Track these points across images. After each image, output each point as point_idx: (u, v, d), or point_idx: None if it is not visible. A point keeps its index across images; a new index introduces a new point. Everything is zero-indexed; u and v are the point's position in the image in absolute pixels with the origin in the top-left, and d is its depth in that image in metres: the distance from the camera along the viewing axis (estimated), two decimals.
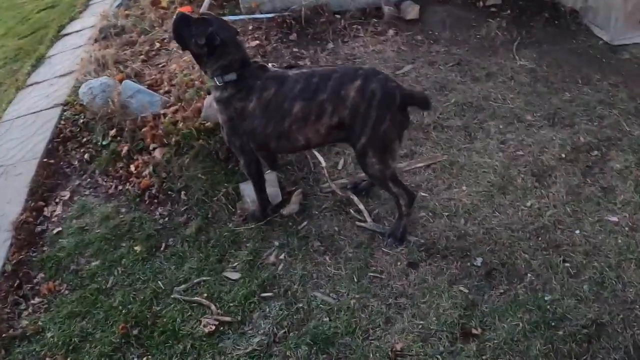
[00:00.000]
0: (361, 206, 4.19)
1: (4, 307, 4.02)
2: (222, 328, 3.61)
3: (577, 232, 3.96)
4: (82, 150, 5.32)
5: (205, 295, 3.81)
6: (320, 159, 4.63)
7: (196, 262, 4.07)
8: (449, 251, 3.86)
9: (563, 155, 4.54)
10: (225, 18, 6.30)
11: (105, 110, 5.37)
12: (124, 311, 3.81)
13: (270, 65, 4.49)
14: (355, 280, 3.75)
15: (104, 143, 5.24)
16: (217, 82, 3.89)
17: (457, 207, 4.17)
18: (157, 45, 6.33)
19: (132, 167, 4.92)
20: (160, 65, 5.96)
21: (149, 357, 3.54)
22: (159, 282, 3.98)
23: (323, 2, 6.26)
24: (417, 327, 3.46)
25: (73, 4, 9.24)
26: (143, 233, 4.37)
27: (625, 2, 5.70)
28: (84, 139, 5.41)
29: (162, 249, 4.25)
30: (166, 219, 4.49)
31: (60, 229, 4.59)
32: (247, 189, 4.37)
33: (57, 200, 4.90)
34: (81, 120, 5.58)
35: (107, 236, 4.41)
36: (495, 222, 4.04)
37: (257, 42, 5.91)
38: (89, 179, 5.06)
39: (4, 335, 3.82)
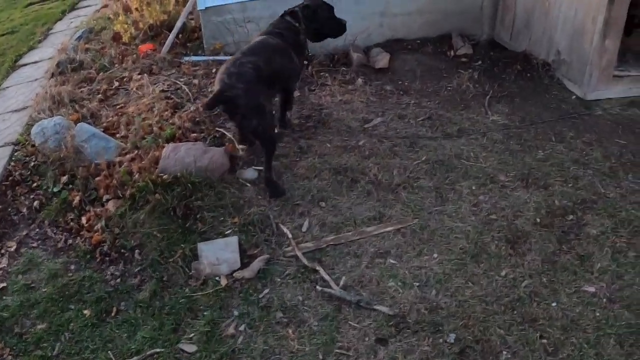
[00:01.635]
0: (326, 276, 3.92)
1: None
2: None
3: (554, 304, 3.75)
4: (31, 196, 4.96)
5: None
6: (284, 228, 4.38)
7: (149, 330, 3.72)
8: (420, 326, 3.60)
9: (538, 220, 4.35)
10: (186, 59, 6.14)
11: (58, 154, 5.06)
12: None
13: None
14: (320, 357, 3.46)
15: (55, 190, 4.91)
16: None
17: (429, 277, 3.92)
18: (116, 83, 6.06)
19: (84, 220, 4.58)
20: (118, 107, 5.68)
21: None
22: (109, 352, 3.63)
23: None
24: None
25: (33, 31, 8.88)
26: (93, 295, 4.03)
27: (601, 57, 5.63)
28: (34, 184, 5.06)
29: (113, 314, 3.89)
30: (118, 280, 4.15)
31: (4, 284, 4.21)
32: (206, 250, 4.10)
33: (2, 251, 4.52)
34: (32, 163, 5.24)
35: (54, 296, 4.04)
36: (468, 294, 3.80)
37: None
38: (37, 230, 4.70)
39: None
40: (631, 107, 5.84)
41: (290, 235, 4.23)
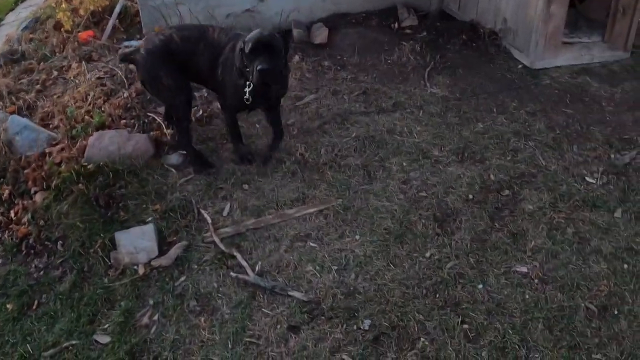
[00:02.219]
0: (243, 262, 3.78)
1: None
2: None
3: (480, 286, 3.60)
4: None
5: None
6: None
7: (67, 322, 3.61)
8: (334, 312, 3.46)
9: (470, 196, 4.18)
10: (125, 44, 5.97)
11: None
12: None
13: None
14: (230, 346, 3.33)
15: None
16: None
17: (348, 259, 3.77)
18: (55, 73, 5.87)
19: (12, 213, 4.46)
20: (55, 97, 5.50)
21: None
22: (27, 345, 3.53)
23: (230, 26, 5.85)
24: None
25: None
26: (16, 289, 3.91)
27: (546, 23, 5.41)
28: None
29: (34, 307, 3.78)
30: (41, 272, 4.02)
31: None
32: (123, 239, 3.97)
33: None
34: None
35: None
36: (388, 277, 3.64)
37: None
38: None
39: None
40: (582, 74, 5.67)
41: (209, 221, 4.09)
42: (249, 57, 4.05)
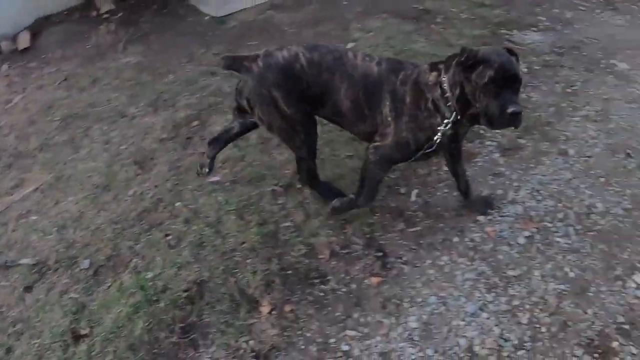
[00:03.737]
0: None
1: None
2: None
3: (178, 204, 4.26)
4: None
5: None
6: None
7: None
8: (59, 264, 4.00)
9: (164, 136, 4.86)
10: None
11: None
12: None
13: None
14: None
15: None
16: None
17: (66, 219, 4.33)
18: None
19: None
20: None
21: None
22: None
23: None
24: (34, 347, 3.55)
25: None
26: None
27: None
28: None
29: None
30: None
31: None
32: None
33: None
34: None
35: None
36: (100, 221, 4.24)
37: None
38: None
39: None
40: (267, 10, 6.43)
41: None
42: (485, 88, 3.17)
